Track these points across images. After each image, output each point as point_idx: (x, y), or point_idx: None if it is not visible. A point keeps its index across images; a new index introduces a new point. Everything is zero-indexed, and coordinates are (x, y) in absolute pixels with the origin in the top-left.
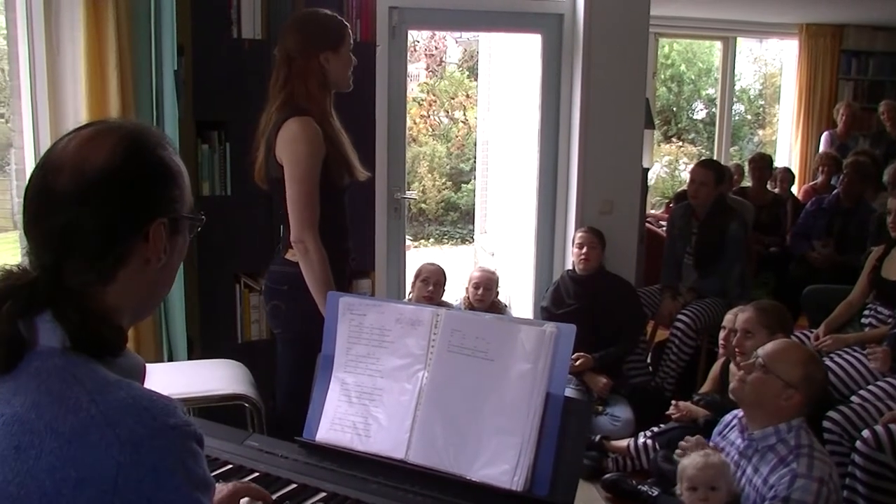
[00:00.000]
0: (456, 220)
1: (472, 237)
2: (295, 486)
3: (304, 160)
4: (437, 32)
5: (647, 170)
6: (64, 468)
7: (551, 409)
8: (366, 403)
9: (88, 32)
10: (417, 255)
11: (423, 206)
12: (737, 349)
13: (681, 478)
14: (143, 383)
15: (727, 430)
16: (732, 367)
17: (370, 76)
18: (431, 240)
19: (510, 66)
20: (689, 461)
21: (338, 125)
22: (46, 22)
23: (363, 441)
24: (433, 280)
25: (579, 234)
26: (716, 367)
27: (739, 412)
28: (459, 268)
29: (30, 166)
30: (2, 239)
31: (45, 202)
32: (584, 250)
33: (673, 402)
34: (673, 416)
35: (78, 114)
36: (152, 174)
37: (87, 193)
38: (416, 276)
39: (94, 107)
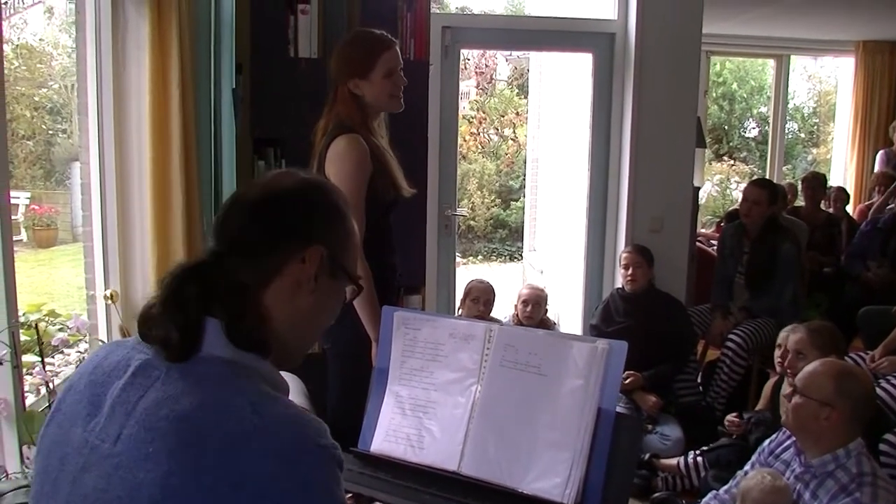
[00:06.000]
0: (505, 238)
1: (520, 254)
2: (349, 495)
3: (350, 177)
4: (487, 50)
5: (698, 188)
6: (223, 469)
7: (603, 425)
8: (419, 416)
9: (153, 52)
10: (466, 273)
11: (472, 223)
12: (789, 370)
13: (742, 499)
14: None
15: (780, 449)
16: (784, 386)
17: (423, 94)
18: (480, 257)
19: (561, 84)
20: (754, 483)
21: (383, 143)
22: (114, 41)
23: (416, 452)
24: (483, 299)
25: (624, 255)
26: (767, 386)
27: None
28: (508, 285)
29: (95, 181)
30: (62, 251)
31: (233, 208)
32: (631, 270)
33: (733, 415)
34: (729, 429)
35: (141, 131)
36: (323, 208)
37: (266, 205)
38: (466, 295)
39: (156, 123)
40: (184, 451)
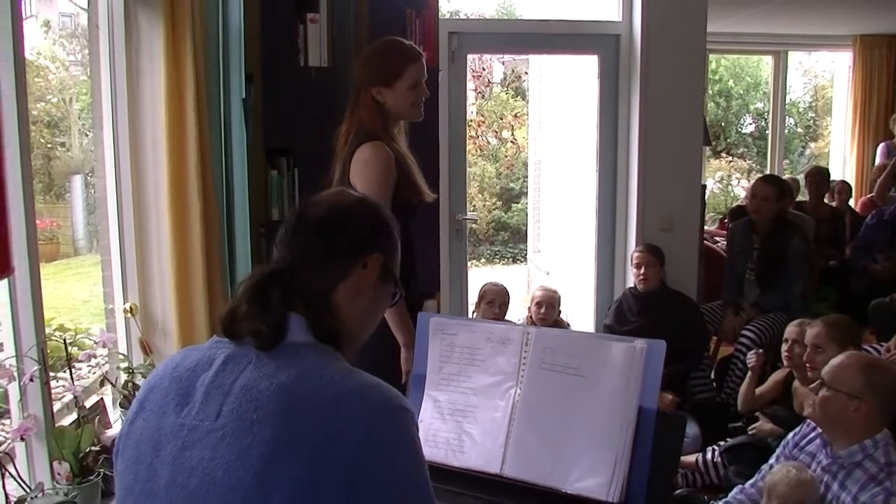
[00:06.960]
0: (507, 240)
1: (523, 256)
2: None
3: (377, 184)
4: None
5: (705, 186)
6: (324, 428)
7: (644, 423)
8: (459, 420)
9: (168, 63)
10: (472, 276)
11: (473, 226)
12: (807, 364)
13: (769, 493)
14: None
15: (805, 441)
16: (796, 383)
17: (434, 101)
18: (483, 259)
19: (562, 86)
20: (780, 477)
21: (404, 149)
22: (127, 54)
23: (458, 457)
24: (498, 301)
25: (636, 254)
26: (778, 374)
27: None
28: (513, 287)
29: (111, 195)
30: (65, 265)
31: (300, 224)
32: (643, 270)
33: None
34: (749, 431)
35: (157, 143)
36: (380, 223)
37: (330, 220)
38: (481, 298)
39: (173, 135)
40: (288, 414)
